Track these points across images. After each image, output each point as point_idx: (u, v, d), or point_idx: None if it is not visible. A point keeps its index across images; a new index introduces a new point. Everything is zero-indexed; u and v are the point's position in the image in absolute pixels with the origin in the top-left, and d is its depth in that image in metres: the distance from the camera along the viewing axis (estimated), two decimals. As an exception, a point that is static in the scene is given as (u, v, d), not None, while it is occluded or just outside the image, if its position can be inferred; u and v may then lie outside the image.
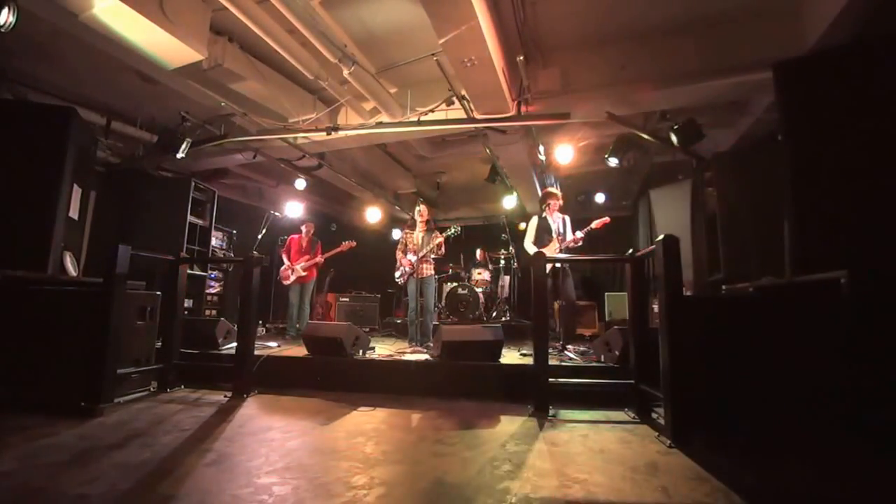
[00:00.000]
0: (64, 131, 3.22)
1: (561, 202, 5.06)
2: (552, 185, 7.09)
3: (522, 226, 7.46)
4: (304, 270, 6.07)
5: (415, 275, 4.94)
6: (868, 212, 2.36)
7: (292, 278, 6.05)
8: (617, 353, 3.61)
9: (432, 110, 4.57)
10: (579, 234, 4.70)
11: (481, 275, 7.58)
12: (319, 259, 6.18)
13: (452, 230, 5.08)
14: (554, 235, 4.85)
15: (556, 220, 4.93)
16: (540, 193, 7.14)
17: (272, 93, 4.87)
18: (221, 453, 2.25)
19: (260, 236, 5.96)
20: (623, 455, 2.32)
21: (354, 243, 6.26)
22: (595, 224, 4.64)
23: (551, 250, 4.69)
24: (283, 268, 6.13)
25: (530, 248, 4.96)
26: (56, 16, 3.36)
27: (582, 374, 3.65)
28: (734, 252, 3.63)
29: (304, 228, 6.30)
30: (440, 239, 4.94)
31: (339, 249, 6.21)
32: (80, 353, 3.02)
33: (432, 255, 5.01)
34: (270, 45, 3.79)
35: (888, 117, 2.37)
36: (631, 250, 3.42)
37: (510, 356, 4.23)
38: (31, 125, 3.22)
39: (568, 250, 4.80)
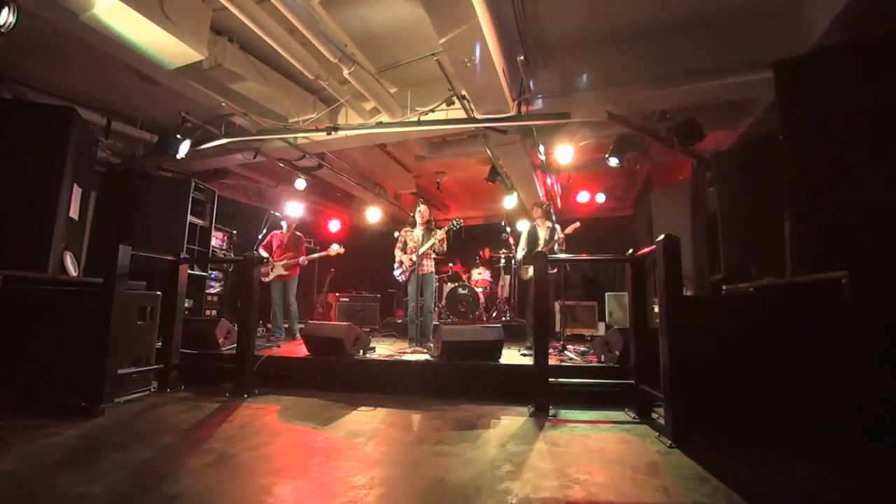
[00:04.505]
0: (64, 131, 3.21)
1: (549, 210, 5.28)
2: (551, 189, 7.20)
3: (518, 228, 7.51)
4: (286, 269, 5.79)
5: (415, 270, 4.96)
6: (869, 212, 2.36)
7: (272, 275, 5.77)
8: (617, 353, 3.61)
9: (432, 110, 4.56)
10: (560, 235, 4.99)
11: (481, 275, 7.58)
12: (302, 260, 5.86)
13: (453, 223, 5.14)
14: (541, 243, 5.10)
15: (545, 229, 5.16)
16: (540, 193, 7.20)
17: (272, 93, 4.87)
18: (222, 453, 2.25)
19: (260, 236, 5.93)
20: (623, 455, 2.33)
21: (343, 251, 5.93)
22: (568, 229, 5.05)
23: None
24: None
25: (520, 254, 5.40)
26: (56, 16, 3.35)
27: (582, 374, 3.65)
28: (734, 252, 3.62)
29: (284, 224, 6.03)
30: (442, 234, 4.99)
31: (324, 253, 5.96)
32: (81, 353, 3.02)
33: (434, 251, 5.04)
34: (271, 45, 3.78)
35: (888, 117, 2.37)
36: (631, 250, 3.42)
37: (510, 356, 4.23)
38: (31, 125, 3.21)
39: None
